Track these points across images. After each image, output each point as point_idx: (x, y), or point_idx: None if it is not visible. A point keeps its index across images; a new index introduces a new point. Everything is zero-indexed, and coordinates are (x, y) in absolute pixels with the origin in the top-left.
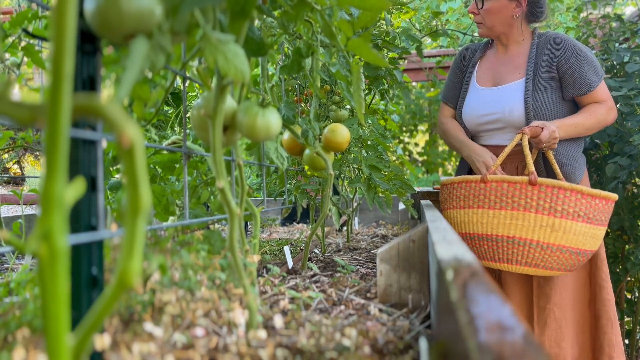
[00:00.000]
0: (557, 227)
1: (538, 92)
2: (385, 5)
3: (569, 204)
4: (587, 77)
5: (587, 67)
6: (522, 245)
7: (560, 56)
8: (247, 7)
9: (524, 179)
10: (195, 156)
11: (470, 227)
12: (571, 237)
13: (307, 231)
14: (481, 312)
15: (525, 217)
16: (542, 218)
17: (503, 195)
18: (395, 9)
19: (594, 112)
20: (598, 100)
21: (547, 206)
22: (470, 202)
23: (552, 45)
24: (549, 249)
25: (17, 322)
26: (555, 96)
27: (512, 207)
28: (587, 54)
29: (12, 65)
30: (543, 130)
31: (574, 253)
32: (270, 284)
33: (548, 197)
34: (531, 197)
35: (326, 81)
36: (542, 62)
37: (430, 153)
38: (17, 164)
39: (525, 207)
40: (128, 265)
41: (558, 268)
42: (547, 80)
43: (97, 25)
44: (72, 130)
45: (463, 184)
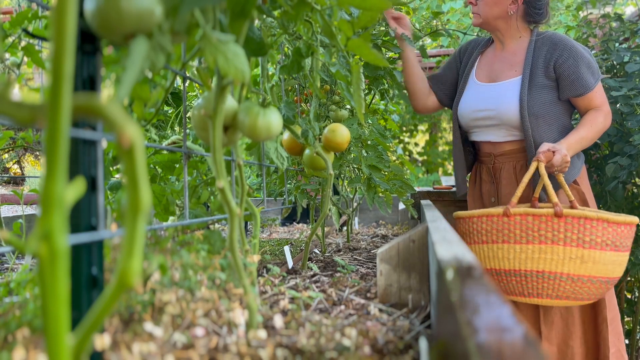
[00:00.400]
0: (586, 258)
1: (533, 91)
2: (386, 5)
3: (596, 233)
4: (583, 79)
5: (584, 68)
6: (552, 279)
7: (557, 56)
8: (247, 7)
9: (550, 211)
10: (195, 156)
11: (496, 263)
12: (601, 267)
13: (307, 231)
14: (481, 312)
15: (553, 250)
16: (571, 250)
17: (529, 229)
18: (395, 9)
19: (594, 123)
20: (594, 104)
21: (574, 237)
22: (494, 237)
23: (550, 45)
24: (580, 280)
25: (17, 322)
26: (551, 96)
27: (540, 240)
28: (585, 55)
29: (12, 65)
30: (555, 155)
31: (603, 282)
32: (270, 283)
33: (575, 228)
34: (558, 229)
35: (326, 81)
36: (540, 61)
37: (430, 153)
38: (17, 163)
39: (553, 240)
40: (128, 265)
41: (588, 298)
42: (543, 79)
43: (97, 25)
44: (72, 130)
45: (484, 218)
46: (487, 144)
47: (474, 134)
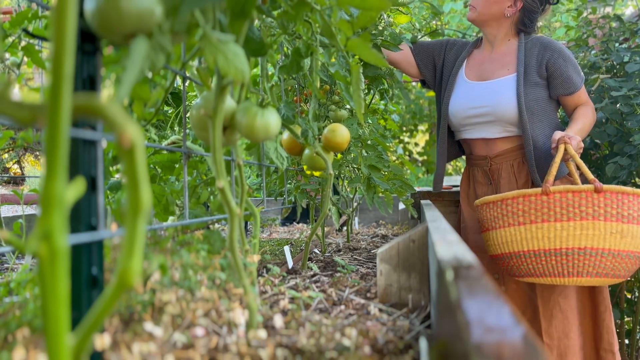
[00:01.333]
0: (625, 232)
1: (528, 87)
2: (385, 5)
3: (633, 208)
4: (572, 78)
5: (572, 68)
6: (595, 255)
7: (549, 57)
8: (247, 7)
9: (589, 187)
10: (195, 156)
11: (535, 244)
12: (638, 241)
13: (307, 231)
14: (481, 312)
15: (595, 225)
16: (612, 225)
17: (569, 206)
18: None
19: (587, 115)
20: (582, 101)
21: (614, 212)
22: (533, 217)
23: (540, 46)
24: (619, 256)
25: (17, 322)
26: (543, 94)
27: (581, 217)
28: (571, 57)
29: (12, 65)
30: (572, 141)
31: (638, 257)
32: (270, 283)
33: (614, 203)
34: (598, 204)
35: (326, 81)
36: (532, 60)
37: (430, 153)
38: (17, 163)
39: (594, 215)
40: (128, 265)
41: (624, 275)
42: (536, 77)
43: (97, 25)
44: (72, 130)
45: (520, 199)
46: (480, 145)
47: (466, 131)
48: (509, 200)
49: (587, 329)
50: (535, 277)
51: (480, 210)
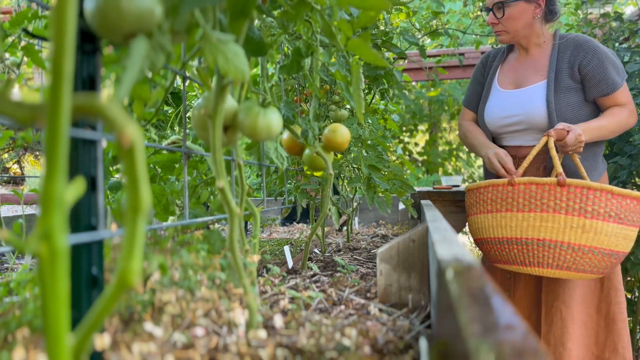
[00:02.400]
0: (588, 228)
1: (560, 93)
2: (386, 5)
3: (599, 204)
4: (610, 78)
5: (609, 67)
6: (553, 248)
7: (582, 58)
8: (247, 7)
9: (553, 180)
10: (195, 156)
11: (499, 232)
12: (603, 238)
13: (307, 231)
14: (481, 312)
15: (555, 218)
16: (573, 219)
17: (532, 198)
18: (395, 9)
19: (617, 115)
20: (619, 103)
21: (577, 207)
22: (498, 206)
23: (573, 47)
24: (581, 250)
25: (17, 322)
26: (577, 98)
27: (542, 209)
28: (609, 55)
29: (12, 65)
30: (569, 134)
31: (606, 254)
32: (270, 283)
33: (577, 197)
34: (560, 198)
35: (326, 81)
36: (564, 64)
37: (430, 153)
38: (17, 163)
39: (555, 208)
40: (128, 265)
41: (590, 270)
42: (569, 81)
43: (97, 25)
44: (72, 130)
45: (490, 187)
46: (514, 149)
47: (503, 139)
48: (482, 188)
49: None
50: (504, 264)
51: (465, 196)
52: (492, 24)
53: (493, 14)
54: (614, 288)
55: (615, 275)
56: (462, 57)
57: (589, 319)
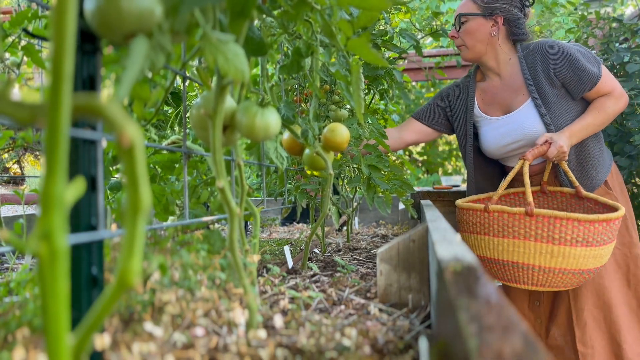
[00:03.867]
0: (556, 253)
1: (550, 106)
2: (386, 5)
3: (565, 231)
4: (587, 73)
5: (582, 63)
6: (526, 270)
7: (553, 64)
8: (247, 7)
9: (522, 210)
10: (195, 156)
11: (479, 251)
12: (571, 260)
13: (307, 231)
14: (481, 312)
15: (525, 245)
16: (542, 246)
17: (504, 225)
18: (394, 9)
19: (602, 107)
20: (603, 92)
21: (545, 235)
22: (478, 229)
23: (541, 56)
24: (551, 272)
25: (17, 322)
26: (566, 102)
27: (513, 235)
28: (576, 51)
29: (12, 65)
30: (550, 147)
31: (576, 273)
32: (270, 283)
33: (545, 226)
34: (529, 227)
35: (326, 81)
36: (539, 75)
37: (430, 153)
38: (17, 163)
39: (525, 236)
40: (128, 265)
41: (564, 286)
42: (551, 90)
43: (97, 24)
44: (72, 130)
45: (470, 211)
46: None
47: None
48: (465, 210)
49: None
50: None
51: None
52: (452, 37)
53: (454, 26)
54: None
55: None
56: (460, 58)
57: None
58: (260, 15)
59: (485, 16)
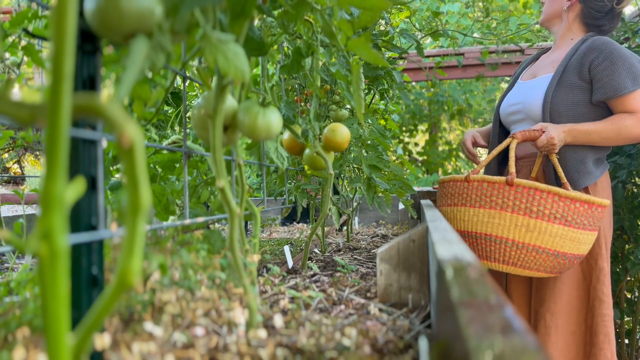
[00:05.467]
0: (532, 227)
1: (561, 89)
2: (386, 5)
3: (544, 205)
4: (616, 81)
5: (621, 71)
6: (499, 244)
7: (593, 58)
8: (247, 7)
9: (502, 179)
10: (195, 156)
11: (455, 224)
12: (547, 238)
13: (307, 231)
14: (481, 312)
15: (501, 215)
16: (518, 218)
17: (482, 194)
18: (395, 9)
19: (617, 122)
20: (629, 110)
21: (522, 206)
22: (456, 200)
23: (589, 47)
24: (525, 248)
25: (17, 322)
26: (581, 97)
27: (490, 206)
28: (627, 60)
29: (12, 65)
30: (542, 135)
31: (551, 255)
32: (270, 283)
33: (524, 197)
34: (508, 197)
35: (326, 81)
36: (575, 61)
37: (430, 153)
38: (18, 163)
39: (502, 206)
40: (128, 265)
41: (537, 269)
42: (575, 79)
43: (97, 24)
44: (72, 129)
45: (451, 182)
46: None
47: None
48: (446, 182)
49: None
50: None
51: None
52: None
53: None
54: (598, 299)
55: (600, 286)
56: (461, 58)
57: (577, 329)
58: (261, 15)
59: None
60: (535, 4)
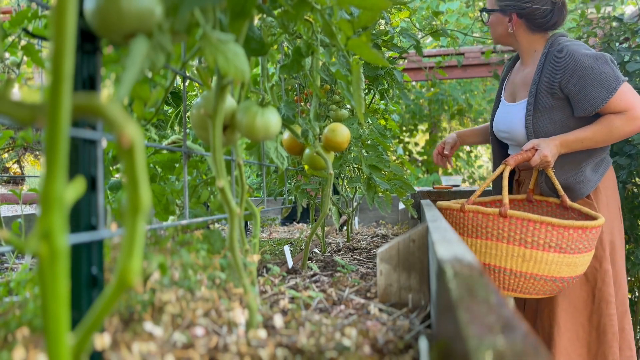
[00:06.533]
0: (528, 257)
1: (540, 113)
2: (386, 4)
3: (538, 235)
4: (591, 96)
5: (592, 84)
6: (497, 273)
7: (560, 78)
8: (247, 7)
9: (496, 211)
10: (195, 156)
11: None
12: (543, 266)
13: (307, 231)
14: (481, 312)
15: (497, 246)
16: (514, 249)
17: (478, 226)
18: (395, 8)
19: (608, 124)
20: (615, 111)
21: (517, 237)
22: (454, 228)
23: (554, 64)
24: (523, 276)
25: (17, 322)
26: (562, 114)
27: (486, 237)
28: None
29: (12, 65)
30: (535, 155)
31: (549, 280)
32: (270, 283)
33: (518, 228)
34: (502, 228)
35: (326, 81)
36: (544, 82)
37: (431, 153)
38: (17, 163)
39: (498, 237)
40: (128, 265)
41: (536, 293)
42: (550, 101)
43: (97, 24)
44: (72, 129)
45: (447, 211)
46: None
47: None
48: (442, 209)
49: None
50: None
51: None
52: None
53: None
54: (605, 300)
55: (607, 287)
56: (461, 58)
57: (581, 328)
58: (261, 15)
59: (502, 12)
60: None
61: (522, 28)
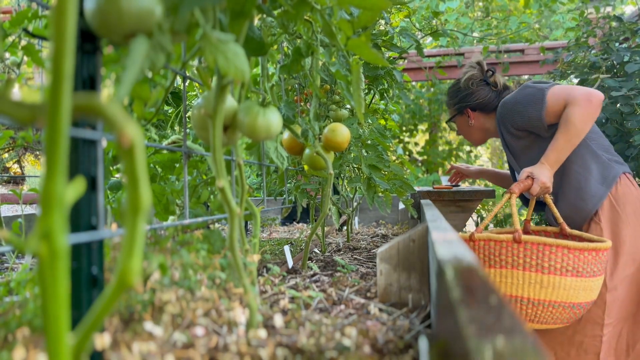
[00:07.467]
0: (545, 283)
1: (518, 157)
2: (386, 4)
3: (555, 259)
4: (532, 117)
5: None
6: (514, 303)
7: (509, 122)
8: (247, 7)
9: (509, 237)
10: (195, 156)
11: None
12: (562, 292)
13: (307, 231)
14: (481, 312)
15: (513, 274)
16: (530, 275)
17: (491, 254)
18: (395, 8)
19: (567, 120)
20: (561, 109)
21: (533, 263)
22: None
23: (500, 120)
24: (541, 305)
25: (17, 322)
26: (538, 147)
27: (500, 265)
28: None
29: (12, 65)
30: (533, 185)
31: (567, 307)
32: (270, 283)
33: (534, 254)
34: (517, 254)
35: (326, 81)
36: (504, 134)
37: (430, 153)
38: (17, 163)
39: (513, 265)
40: (128, 265)
41: (554, 322)
42: (517, 143)
43: (97, 24)
44: (72, 129)
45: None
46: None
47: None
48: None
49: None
50: None
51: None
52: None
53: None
54: (592, 322)
55: (596, 309)
56: (461, 58)
57: (559, 348)
58: (261, 15)
59: (459, 114)
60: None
61: (481, 116)
